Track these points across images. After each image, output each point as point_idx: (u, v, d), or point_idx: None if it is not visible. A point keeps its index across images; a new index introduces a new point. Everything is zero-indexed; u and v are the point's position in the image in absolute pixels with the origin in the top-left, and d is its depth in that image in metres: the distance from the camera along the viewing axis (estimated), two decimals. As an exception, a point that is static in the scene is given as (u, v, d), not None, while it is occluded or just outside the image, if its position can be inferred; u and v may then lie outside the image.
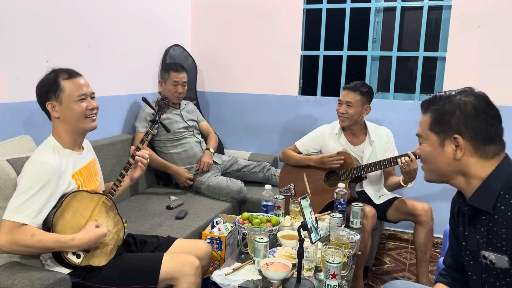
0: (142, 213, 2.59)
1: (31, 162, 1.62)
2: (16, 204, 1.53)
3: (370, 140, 2.67)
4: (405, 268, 2.98)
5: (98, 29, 2.77)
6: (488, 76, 3.03)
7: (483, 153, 1.21)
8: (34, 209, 1.54)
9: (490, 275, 1.22)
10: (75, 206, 1.65)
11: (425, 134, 1.29)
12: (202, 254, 1.93)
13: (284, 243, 1.99)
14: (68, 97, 1.69)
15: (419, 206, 2.51)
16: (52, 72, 1.73)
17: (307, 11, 3.55)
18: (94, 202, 1.72)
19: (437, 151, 1.26)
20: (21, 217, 1.52)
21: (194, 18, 3.83)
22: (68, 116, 1.70)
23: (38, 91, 1.73)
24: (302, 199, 1.71)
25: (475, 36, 3.05)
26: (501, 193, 1.18)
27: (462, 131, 1.21)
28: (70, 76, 1.71)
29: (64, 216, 1.61)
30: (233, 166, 3.35)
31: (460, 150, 1.21)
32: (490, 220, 1.19)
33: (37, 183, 1.56)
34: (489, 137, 1.21)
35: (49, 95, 1.68)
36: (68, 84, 1.69)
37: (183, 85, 3.11)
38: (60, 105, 1.69)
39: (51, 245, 1.54)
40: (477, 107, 1.21)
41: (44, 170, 1.58)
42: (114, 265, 1.71)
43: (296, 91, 3.61)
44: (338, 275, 1.61)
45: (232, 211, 2.89)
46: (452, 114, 1.22)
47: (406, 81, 3.53)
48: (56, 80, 1.69)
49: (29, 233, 1.51)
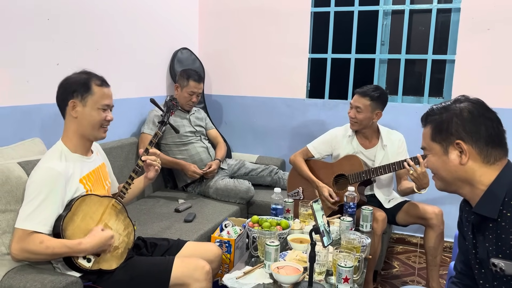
0: (150, 216, 2.59)
1: (37, 169, 1.63)
2: (27, 212, 1.54)
3: (383, 144, 2.65)
4: (414, 272, 2.95)
5: (107, 33, 2.79)
6: (498, 79, 3.01)
7: (486, 157, 1.21)
8: (44, 216, 1.55)
9: (502, 282, 1.21)
10: (84, 210, 1.65)
11: (428, 145, 1.31)
12: (212, 257, 1.93)
13: (295, 246, 1.98)
14: (94, 102, 1.70)
15: (430, 209, 2.49)
16: (84, 73, 1.73)
17: (314, 14, 3.55)
18: (103, 206, 1.72)
19: (442, 160, 1.27)
20: (32, 225, 1.53)
21: (202, 22, 3.84)
22: (85, 119, 1.70)
23: (63, 87, 1.72)
24: (314, 202, 1.70)
25: (484, 39, 3.03)
26: (505, 199, 1.17)
27: (463, 136, 1.22)
28: (102, 83, 1.73)
29: (74, 221, 1.61)
30: (241, 169, 3.34)
31: (465, 154, 1.22)
32: (498, 227, 1.19)
33: (45, 190, 1.56)
34: (491, 139, 1.21)
35: (76, 94, 1.68)
36: (99, 91, 1.71)
37: (198, 95, 3.11)
38: (83, 106, 1.69)
39: (59, 250, 1.54)
40: (472, 112, 1.23)
41: (51, 176, 1.59)
42: (125, 269, 1.70)
43: (304, 94, 3.61)
44: (351, 279, 1.60)
45: (240, 214, 2.88)
46: (449, 121, 1.24)
47: (415, 84, 3.51)
48: (88, 82, 1.70)
49: (37, 240, 1.52)
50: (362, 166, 2.55)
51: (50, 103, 2.39)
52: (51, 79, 2.39)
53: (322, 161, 2.79)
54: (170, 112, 2.05)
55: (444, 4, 3.20)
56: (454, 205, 3.00)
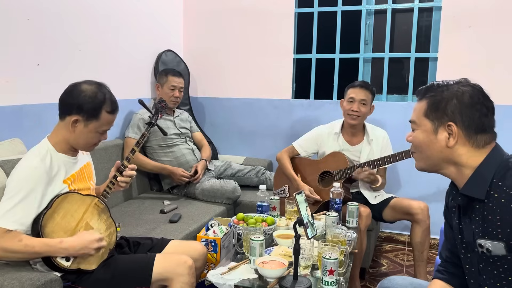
0: (135, 218, 2.55)
1: (19, 167, 1.59)
2: (4, 209, 1.50)
3: (369, 139, 2.67)
4: (402, 269, 2.95)
5: (90, 34, 2.76)
6: (480, 75, 2.96)
7: (475, 142, 1.21)
8: (22, 214, 1.51)
9: (488, 263, 1.21)
10: (66, 207, 1.61)
11: (419, 120, 1.29)
12: (197, 255, 1.90)
13: (280, 242, 1.96)
14: (96, 126, 1.66)
15: (415, 204, 2.49)
16: (100, 92, 1.66)
17: (298, 15, 3.57)
18: (86, 204, 1.69)
19: (430, 138, 1.26)
20: (8, 223, 1.49)
21: (186, 23, 3.83)
22: (82, 138, 1.66)
23: (72, 96, 1.63)
24: (298, 194, 1.69)
25: (466, 36, 3.07)
26: (493, 180, 1.18)
27: (457, 119, 1.21)
28: (112, 111, 1.69)
29: (54, 218, 1.58)
30: (227, 170, 3.32)
31: (453, 137, 1.21)
32: (485, 209, 1.19)
33: (25, 188, 1.52)
34: (481, 127, 1.21)
35: (83, 114, 1.62)
36: (105, 118, 1.67)
37: (180, 90, 3.10)
38: (84, 127, 1.64)
39: (39, 249, 1.50)
40: (473, 97, 1.22)
41: (32, 175, 1.55)
42: (106, 268, 1.67)
43: (290, 95, 3.61)
44: (336, 271, 1.59)
45: (227, 215, 2.86)
46: (448, 101, 1.22)
47: (399, 84, 3.54)
48: (99, 109, 1.64)
49: (16, 238, 1.48)
50: (347, 163, 2.55)
51: (30, 104, 2.38)
52: (31, 80, 2.37)
53: (308, 159, 2.78)
54: (159, 114, 2.02)
55: (425, 3, 3.24)
56: (439, 202, 3.00)
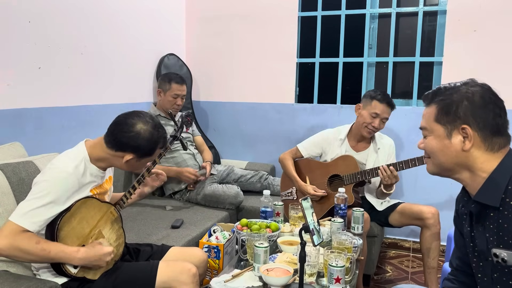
0: (137, 223, 2.51)
1: (54, 168, 1.56)
2: (26, 209, 1.47)
3: (376, 148, 2.63)
4: (407, 276, 2.90)
5: (92, 37, 2.74)
6: (485, 79, 2.95)
7: (490, 145, 1.17)
8: (43, 218, 1.48)
9: (502, 273, 1.16)
10: (83, 212, 1.58)
11: (430, 126, 1.24)
12: (197, 262, 1.84)
13: (285, 249, 1.92)
14: (147, 160, 1.70)
15: (426, 209, 2.45)
16: (156, 132, 1.65)
17: (302, 19, 3.54)
18: (102, 212, 1.65)
19: (444, 143, 1.21)
20: (28, 223, 1.46)
21: (189, 27, 3.81)
22: (123, 166, 1.67)
23: (131, 142, 1.61)
24: (304, 200, 1.66)
25: (471, 40, 3.04)
26: (509, 187, 1.13)
27: (470, 121, 1.17)
28: (163, 146, 1.73)
29: (71, 222, 1.55)
30: (230, 175, 3.28)
31: (469, 140, 1.17)
32: (500, 216, 1.14)
33: (54, 192, 1.49)
34: (496, 128, 1.17)
35: (138, 153, 1.63)
36: (157, 152, 1.71)
37: (182, 98, 3.01)
38: (135, 161, 1.65)
39: (54, 255, 1.47)
40: (484, 97, 1.18)
41: (65, 180, 1.52)
42: (108, 276, 1.62)
43: (293, 99, 3.58)
44: (342, 279, 1.55)
45: (230, 220, 2.82)
46: (459, 104, 1.18)
47: (403, 88, 3.51)
48: (154, 148, 1.67)
49: (33, 240, 1.44)
50: (357, 167, 2.52)
51: (31, 107, 2.35)
52: (32, 83, 2.35)
53: (317, 161, 2.75)
54: (185, 129, 2.00)
55: (430, 6, 3.22)
56: (447, 208, 2.97)
